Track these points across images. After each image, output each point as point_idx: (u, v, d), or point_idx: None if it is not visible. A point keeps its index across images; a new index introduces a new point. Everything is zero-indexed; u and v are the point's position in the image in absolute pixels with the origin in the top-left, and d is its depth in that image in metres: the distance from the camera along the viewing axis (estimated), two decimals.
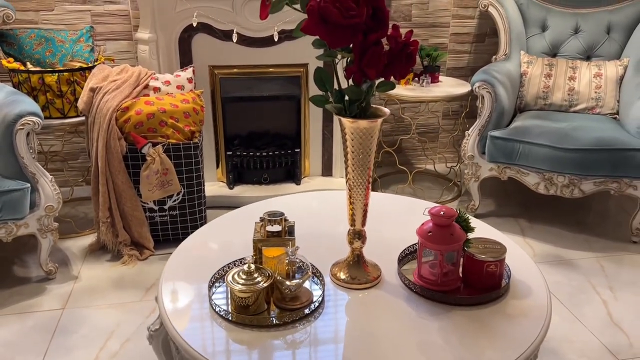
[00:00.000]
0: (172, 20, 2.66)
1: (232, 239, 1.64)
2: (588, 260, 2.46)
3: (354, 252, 1.44)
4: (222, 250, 1.58)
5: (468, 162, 2.74)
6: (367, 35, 1.19)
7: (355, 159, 1.33)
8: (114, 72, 2.45)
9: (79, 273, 2.32)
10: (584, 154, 2.44)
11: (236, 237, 1.65)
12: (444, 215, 1.35)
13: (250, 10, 2.70)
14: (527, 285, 1.44)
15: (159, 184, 2.34)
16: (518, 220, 2.84)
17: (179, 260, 1.53)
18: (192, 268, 1.49)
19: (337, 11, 1.13)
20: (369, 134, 1.30)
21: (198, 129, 2.45)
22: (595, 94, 2.81)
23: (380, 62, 1.20)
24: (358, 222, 1.41)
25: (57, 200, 2.17)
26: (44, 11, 2.80)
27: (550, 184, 2.57)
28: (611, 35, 2.96)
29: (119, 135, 2.29)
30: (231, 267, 1.46)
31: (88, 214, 2.84)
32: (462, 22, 3.28)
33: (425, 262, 1.42)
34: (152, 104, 2.33)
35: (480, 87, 2.64)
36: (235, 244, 1.61)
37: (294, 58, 2.87)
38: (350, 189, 1.37)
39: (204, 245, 1.61)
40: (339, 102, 1.31)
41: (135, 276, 2.30)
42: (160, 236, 2.50)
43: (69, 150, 3.01)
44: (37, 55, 2.56)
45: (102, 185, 2.31)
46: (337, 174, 3.15)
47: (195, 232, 1.68)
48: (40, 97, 2.41)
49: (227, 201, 2.91)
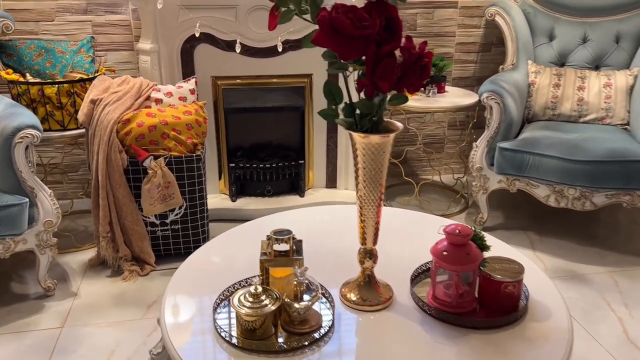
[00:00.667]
0: (174, 31, 2.62)
1: (237, 256, 1.58)
2: (601, 275, 2.40)
3: (365, 272, 1.38)
4: (227, 269, 1.52)
5: (476, 174, 2.68)
6: (380, 47, 1.14)
7: (367, 175, 1.27)
8: (115, 84, 2.40)
9: (78, 289, 2.26)
10: (596, 166, 2.38)
11: (241, 254, 1.59)
12: (460, 234, 1.29)
13: (254, 20, 2.65)
14: (545, 307, 1.37)
15: (161, 198, 2.29)
16: (527, 233, 2.78)
17: (181, 280, 1.47)
18: (195, 289, 1.43)
19: (350, 22, 1.07)
20: (381, 149, 1.24)
21: (201, 141, 2.40)
22: (605, 104, 2.76)
23: (393, 75, 1.15)
24: (369, 240, 1.35)
25: (57, 215, 2.11)
26: (45, 21, 2.76)
27: (561, 197, 2.51)
28: (620, 44, 2.91)
29: (119, 148, 2.24)
30: (237, 288, 1.40)
31: (88, 227, 2.78)
32: (467, 31, 3.24)
33: (439, 282, 1.36)
34: (153, 116, 2.28)
35: (488, 97, 2.59)
36: (240, 261, 1.55)
37: (298, 68, 2.82)
38: (361, 206, 1.32)
39: (208, 264, 1.55)
40: (349, 116, 1.26)
41: (136, 292, 2.24)
42: (162, 251, 2.44)
43: (68, 162, 2.96)
44: (37, 66, 2.51)
45: (103, 199, 2.25)
46: (342, 186, 3.09)
47: (198, 249, 1.62)
48: (40, 109, 2.36)
49: (229, 214, 2.86)
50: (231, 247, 1.64)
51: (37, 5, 2.72)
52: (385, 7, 1.15)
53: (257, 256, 1.53)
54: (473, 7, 3.19)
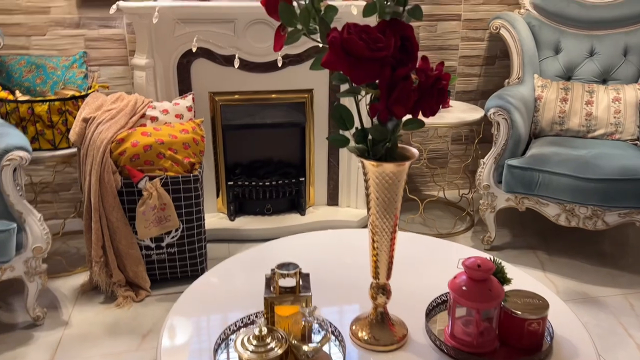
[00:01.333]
0: (170, 45, 2.53)
1: (239, 289, 1.48)
2: (615, 298, 2.30)
3: (377, 308, 1.28)
4: (228, 304, 1.41)
5: (484, 192, 2.60)
6: (396, 70, 1.05)
7: (380, 205, 1.18)
8: (109, 101, 2.30)
9: (69, 318, 2.15)
10: (609, 184, 2.29)
11: (243, 287, 1.49)
12: (481, 269, 1.20)
13: (253, 34, 2.57)
14: (572, 345, 1.28)
15: (157, 220, 2.18)
16: (536, 252, 2.69)
17: (179, 318, 1.36)
18: (194, 328, 1.33)
19: (364, 43, 0.98)
20: (396, 178, 1.15)
21: (198, 160, 2.30)
22: (614, 119, 2.68)
23: (410, 99, 1.06)
24: (382, 275, 1.25)
25: (46, 240, 2.01)
26: (36, 36, 2.66)
27: (572, 216, 2.42)
28: (628, 57, 2.84)
29: (113, 169, 2.14)
30: (239, 326, 1.30)
31: (80, 249, 2.67)
32: (471, 44, 3.16)
33: (458, 318, 1.26)
34: (149, 135, 2.18)
35: (495, 113, 2.50)
36: (242, 296, 1.45)
37: (298, 83, 2.73)
38: (374, 238, 1.22)
39: (206, 298, 1.44)
40: (361, 143, 1.17)
41: (131, 320, 2.13)
42: (158, 275, 2.33)
43: (60, 181, 2.85)
44: (27, 83, 2.41)
45: (95, 222, 2.15)
46: (344, 203, 2.99)
47: (195, 281, 1.52)
48: (30, 128, 2.26)
49: (227, 234, 2.75)
50: (231, 278, 1.54)
51: (28, 19, 2.63)
52: (400, 26, 1.06)
53: (259, 288, 1.43)
54: (476, 19, 3.12)
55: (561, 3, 2.92)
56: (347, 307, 1.38)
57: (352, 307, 1.38)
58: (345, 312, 1.36)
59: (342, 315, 1.35)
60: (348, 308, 1.38)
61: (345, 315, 1.35)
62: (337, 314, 1.35)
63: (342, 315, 1.35)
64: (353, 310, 1.37)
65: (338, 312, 1.36)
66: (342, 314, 1.35)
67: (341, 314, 1.35)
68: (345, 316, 1.35)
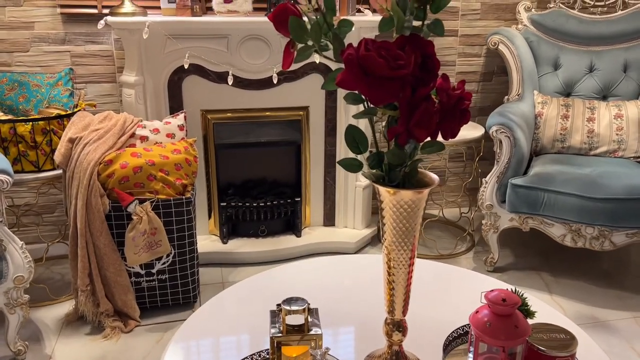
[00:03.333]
0: (160, 62, 2.43)
1: (238, 325, 1.36)
2: (626, 322, 2.22)
3: (393, 347, 1.18)
4: (227, 342, 1.30)
5: (486, 212, 2.52)
6: (417, 89, 0.96)
7: (397, 235, 1.08)
8: (96, 120, 2.19)
9: (52, 352, 2.01)
10: (616, 204, 2.23)
11: (243, 323, 1.37)
12: (507, 303, 1.10)
13: (247, 50, 2.48)
14: None
15: (147, 246, 2.07)
16: (540, 273, 2.61)
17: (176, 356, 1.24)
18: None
19: (384, 61, 0.90)
20: (415, 206, 1.05)
21: (191, 181, 2.19)
22: (616, 136, 2.63)
23: (432, 122, 0.97)
24: (398, 310, 1.15)
25: (28, 270, 1.88)
26: (18, 52, 2.55)
27: (578, 236, 2.35)
28: (628, 73, 2.80)
29: (101, 192, 2.02)
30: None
31: (65, 275, 2.54)
32: (468, 60, 3.11)
33: (482, 355, 1.16)
34: (139, 156, 2.07)
35: (498, 131, 2.44)
36: (242, 332, 1.33)
37: (293, 100, 2.65)
38: (390, 272, 1.12)
39: (203, 335, 1.33)
40: (375, 167, 1.07)
41: (119, 354, 2.00)
42: (148, 303, 2.21)
43: (44, 202, 2.72)
44: (9, 101, 2.29)
45: (82, 249, 2.03)
46: (341, 224, 2.89)
47: (189, 318, 1.40)
48: (12, 149, 2.14)
49: (220, 257, 2.64)
50: (228, 312, 1.42)
51: (9, 35, 2.52)
52: (420, 42, 0.98)
53: (262, 324, 1.32)
54: (473, 35, 3.07)
55: (560, 19, 2.88)
56: (359, 341, 1.28)
57: (364, 342, 1.27)
58: (357, 347, 1.26)
59: (353, 350, 1.24)
60: (359, 344, 1.27)
61: (357, 351, 1.24)
62: (348, 349, 1.24)
63: (353, 349, 1.25)
64: (365, 345, 1.26)
65: (349, 346, 1.26)
66: (354, 349, 1.25)
67: (352, 349, 1.25)
68: (357, 351, 1.24)
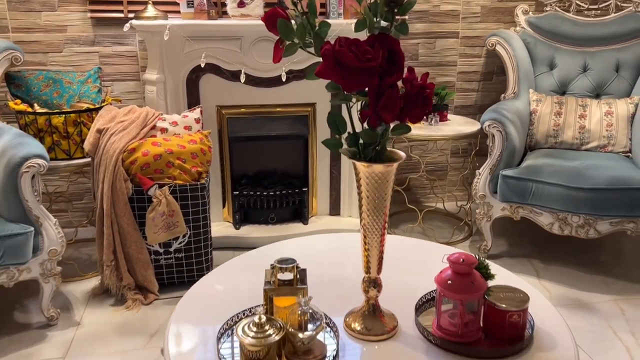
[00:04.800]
0: (180, 62, 2.66)
1: (241, 285, 1.58)
2: (607, 304, 2.38)
3: (369, 301, 1.38)
4: (231, 298, 1.51)
5: (480, 201, 2.69)
6: (383, 79, 1.16)
7: (371, 204, 1.28)
8: (121, 113, 2.43)
9: (81, 319, 2.25)
10: (599, 194, 2.38)
11: (245, 283, 1.59)
12: (464, 262, 1.29)
13: (258, 51, 2.70)
14: (551, 336, 1.36)
15: (165, 226, 2.29)
16: (532, 260, 2.77)
17: (185, 310, 1.46)
18: (199, 318, 1.43)
19: (354, 55, 1.10)
20: (385, 178, 1.25)
21: (205, 169, 2.42)
22: (606, 132, 2.78)
23: (396, 106, 1.17)
24: (373, 269, 1.35)
25: (61, 244, 2.12)
26: (53, 53, 2.81)
27: (565, 224, 2.50)
28: (620, 73, 2.95)
29: (125, 177, 2.26)
30: (240, 318, 1.39)
31: (92, 256, 2.79)
32: (469, 60, 3.28)
33: (444, 311, 1.35)
34: (159, 145, 2.30)
35: (490, 125, 2.61)
36: (244, 291, 1.55)
37: (301, 97, 2.86)
38: (365, 235, 1.32)
39: (212, 293, 1.54)
40: (353, 146, 1.27)
41: (139, 321, 2.23)
42: (165, 280, 2.44)
43: (73, 190, 2.98)
44: (44, 96, 2.55)
45: (107, 228, 2.26)
46: (345, 213, 3.09)
47: (201, 278, 1.62)
48: (47, 139, 2.39)
49: (233, 242, 2.86)
50: (235, 276, 1.64)
51: (45, 37, 2.78)
52: (387, 40, 1.18)
53: (261, 285, 1.53)
54: (474, 37, 3.25)
55: (555, 21, 3.04)
56: (342, 302, 1.47)
57: (346, 302, 1.47)
58: (340, 306, 1.45)
59: (336, 309, 1.44)
60: (342, 303, 1.47)
61: (340, 309, 1.44)
62: (332, 308, 1.44)
63: (336, 308, 1.44)
64: (347, 304, 1.46)
65: (333, 306, 1.45)
66: (337, 308, 1.44)
67: (336, 308, 1.44)
68: (340, 310, 1.44)
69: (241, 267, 1.70)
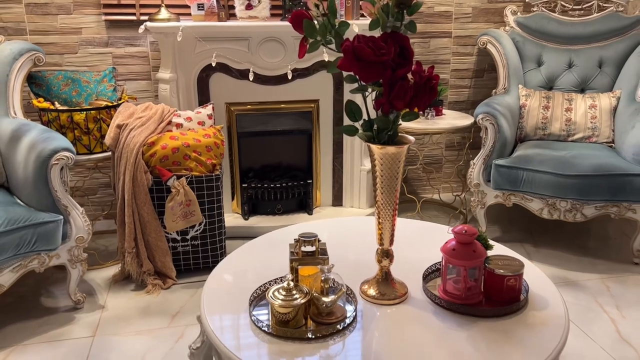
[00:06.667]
0: (191, 61, 2.82)
1: (266, 261, 1.74)
2: (594, 282, 2.57)
3: (383, 269, 1.55)
4: (257, 272, 1.67)
5: (474, 189, 2.87)
6: (395, 71, 1.33)
7: (384, 182, 1.45)
8: (139, 110, 2.59)
9: (105, 302, 2.40)
10: (585, 180, 2.57)
11: (269, 259, 1.75)
12: (467, 233, 1.47)
13: (265, 50, 2.86)
14: (544, 298, 1.54)
15: (183, 215, 2.45)
16: (524, 245, 2.96)
17: (217, 280, 1.63)
18: (231, 287, 1.59)
19: (371, 50, 1.27)
20: (397, 159, 1.42)
21: (219, 161, 2.58)
22: (591, 124, 2.98)
23: (407, 95, 1.34)
24: (386, 241, 1.52)
25: (87, 231, 2.27)
26: (68, 54, 2.96)
27: (554, 209, 2.69)
28: (603, 69, 3.15)
29: (145, 169, 2.41)
30: (270, 285, 1.56)
31: (108, 246, 2.93)
32: (461, 58, 3.47)
33: (449, 278, 1.53)
34: (176, 139, 2.46)
35: (483, 118, 2.79)
36: (268, 266, 1.71)
37: (305, 94, 3.03)
38: (379, 211, 1.49)
39: (239, 268, 1.71)
40: (368, 131, 1.45)
41: (160, 304, 2.38)
42: (182, 266, 2.59)
43: (89, 185, 3.12)
44: (64, 95, 2.70)
45: (128, 217, 2.41)
46: (347, 204, 3.26)
47: (229, 255, 1.78)
48: (69, 134, 2.53)
49: (242, 232, 3.01)
50: (257, 254, 1.80)
51: (61, 39, 2.93)
52: (399, 37, 1.35)
53: (284, 261, 1.70)
54: (466, 36, 3.43)
55: (542, 21, 3.24)
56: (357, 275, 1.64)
57: (359, 273, 1.64)
58: (356, 279, 1.62)
59: (353, 280, 1.61)
60: (357, 276, 1.64)
61: (356, 281, 1.61)
62: (349, 280, 1.61)
63: (353, 280, 1.61)
64: (361, 275, 1.63)
65: (349, 278, 1.62)
66: (353, 280, 1.61)
67: (352, 280, 1.61)
68: (356, 281, 1.60)
69: (262, 247, 1.86)
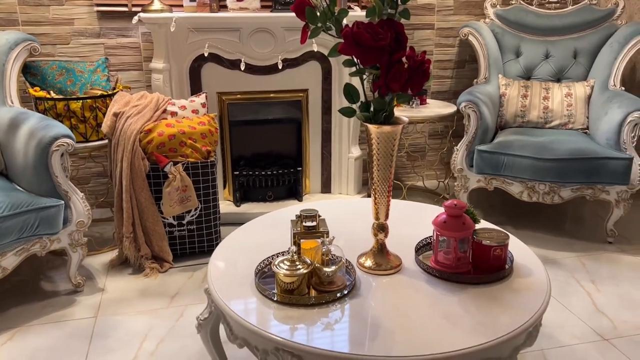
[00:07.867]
0: (184, 51, 2.89)
1: (265, 239, 1.84)
2: (570, 259, 2.72)
3: (378, 242, 1.66)
4: (259, 248, 1.77)
5: (457, 174, 3.00)
6: (392, 55, 1.44)
7: (380, 160, 1.56)
8: (135, 98, 2.65)
9: (104, 285, 2.46)
10: (562, 164, 2.72)
11: (269, 237, 1.84)
12: (457, 206, 1.58)
13: (255, 41, 2.95)
14: (527, 267, 1.67)
15: (179, 200, 2.53)
16: (505, 227, 3.09)
17: (223, 253, 1.72)
18: (236, 260, 1.68)
19: (369, 35, 1.37)
20: (392, 137, 1.53)
21: (213, 148, 2.65)
22: (567, 111, 3.13)
23: (402, 77, 1.45)
24: (382, 215, 1.63)
25: (87, 216, 2.33)
26: (60, 44, 3.00)
27: (533, 192, 2.84)
28: (578, 59, 3.31)
29: (142, 155, 2.48)
30: (275, 258, 1.65)
31: (103, 233, 2.99)
32: (444, 50, 3.60)
33: (440, 250, 1.64)
34: (172, 126, 2.53)
35: (466, 106, 2.92)
36: (269, 243, 1.80)
37: (295, 84, 3.12)
38: (375, 187, 1.60)
39: (243, 245, 1.80)
40: (365, 112, 1.55)
41: (159, 286, 2.46)
42: (178, 250, 2.67)
43: (82, 174, 3.17)
44: (59, 84, 2.74)
45: (126, 202, 2.48)
46: (336, 191, 3.37)
47: (231, 234, 1.87)
48: (65, 123, 2.58)
49: (234, 218, 3.10)
50: (258, 232, 1.90)
51: (53, 30, 2.97)
52: (394, 24, 1.46)
53: (286, 238, 1.79)
54: (448, 28, 3.56)
55: (520, 13, 3.38)
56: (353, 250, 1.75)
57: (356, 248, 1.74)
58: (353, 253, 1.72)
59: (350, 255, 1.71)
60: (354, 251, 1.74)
61: (353, 255, 1.71)
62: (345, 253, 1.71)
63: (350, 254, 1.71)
64: (357, 249, 1.73)
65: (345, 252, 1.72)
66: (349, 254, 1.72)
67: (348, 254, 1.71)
68: (353, 255, 1.71)
69: (263, 226, 1.95)
